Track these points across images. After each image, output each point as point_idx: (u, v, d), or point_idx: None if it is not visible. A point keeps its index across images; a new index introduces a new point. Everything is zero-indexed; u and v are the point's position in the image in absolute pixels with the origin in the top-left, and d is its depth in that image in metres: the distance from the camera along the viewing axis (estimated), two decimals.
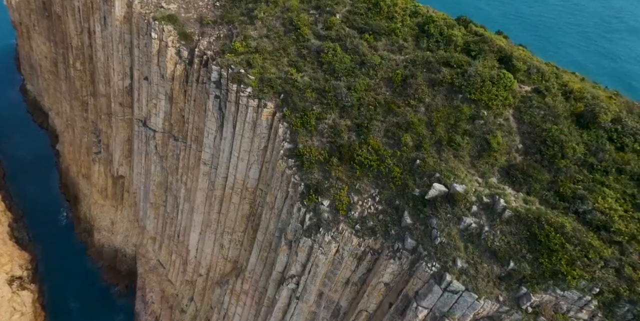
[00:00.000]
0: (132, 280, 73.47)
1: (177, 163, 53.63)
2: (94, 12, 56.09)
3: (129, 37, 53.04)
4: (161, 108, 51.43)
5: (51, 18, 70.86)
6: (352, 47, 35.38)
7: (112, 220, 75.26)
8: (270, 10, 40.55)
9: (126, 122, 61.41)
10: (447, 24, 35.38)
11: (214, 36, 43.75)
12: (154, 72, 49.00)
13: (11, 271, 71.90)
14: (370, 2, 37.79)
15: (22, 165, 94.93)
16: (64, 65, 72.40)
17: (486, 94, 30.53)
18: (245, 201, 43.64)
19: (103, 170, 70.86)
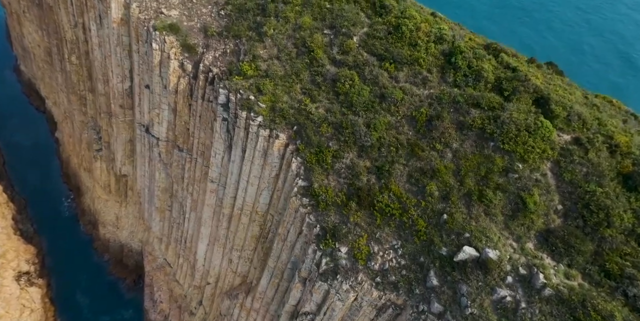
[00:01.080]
0: (140, 274, 73.68)
1: (182, 172, 52.07)
2: (89, 10, 52.64)
3: (127, 40, 50.00)
4: (164, 118, 49.26)
5: (42, 7, 66.91)
6: (371, 77, 32.89)
7: (117, 215, 74.44)
8: (280, 26, 37.57)
9: (127, 123, 59.21)
10: (475, 54, 32.53)
11: (220, 50, 40.93)
12: (156, 83, 46.48)
13: (18, 267, 71.88)
14: (390, 25, 34.76)
15: (21, 151, 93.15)
16: (58, 57, 69.12)
17: (521, 145, 28.32)
18: (255, 223, 42.46)
19: (105, 167, 69.24)
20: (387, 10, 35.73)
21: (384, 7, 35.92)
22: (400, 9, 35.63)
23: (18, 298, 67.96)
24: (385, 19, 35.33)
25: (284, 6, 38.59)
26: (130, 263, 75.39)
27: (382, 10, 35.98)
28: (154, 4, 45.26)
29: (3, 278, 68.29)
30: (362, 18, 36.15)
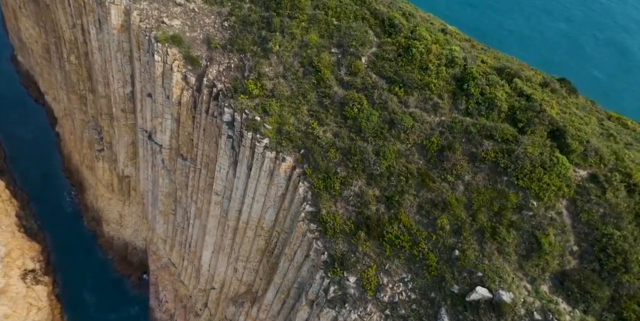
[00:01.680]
0: (145, 271, 74.27)
1: (186, 180, 51.77)
2: (87, 13, 51.27)
3: (128, 46, 48.94)
4: (167, 126, 48.62)
5: (39, 4, 65.22)
6: (380, 101, 32.18)
7: (120, 213, 74.51)
8: (286, 43, 36.57)
9: (129, 127, 58.57)
10: (488, 81, 31.62)
11: (224, 65, 40.01)
12: (158, 93, 45.68)
13: (23, 265, 72.34)
14: (400, 46, 33.77)
15: (22, 145, 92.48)
16: (57, 55, 67.84)
17: (537, 182, 27.80)
18: (261, 238, 42.43)
19: (108, 167, 68.92)
20: (397, 29, 34.67)
21: (393, 26, 34.86)
22: (410, 28, 34.57)
23: (25, 297, 68.66)
24: (395, 40, 34.32)
25: (289, 21, 37.50)
26: (134, 261, 75.93)
27: (392, 29, 34.92)
28: (155, 13, 44.03)
29: (9, 278, 68.82)
30: (370, 37, 35.11)
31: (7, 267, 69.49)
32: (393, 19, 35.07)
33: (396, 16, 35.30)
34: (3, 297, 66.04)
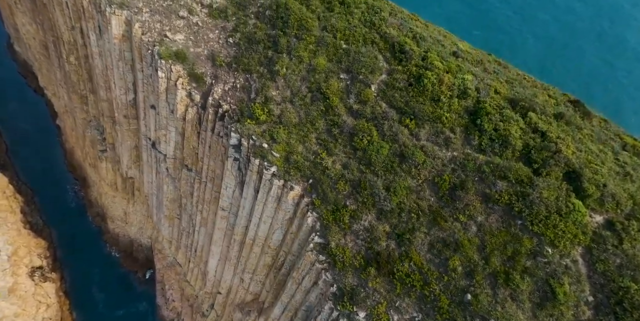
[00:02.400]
0: (151, 267, 75.16)
1: (191, 189, 51.65)
2: (87, 20, 49.82)
3: (129, 55, 47.86)
4: (171, 138, 48.13)
5: (35, 3, 63.34)
6: (391, 133, 31.60)
7: (125, 211, 74.76)
8: (294, 66, 35.64)
9: (132, 131, 57.99)
10: (502, 116, 30.80)
11: (230, 84, 39.15)
12: (162, 107, 44.97)
13: (31, 263, 73.14)
14: (411, 75, 32.88)
15: (23, 137, 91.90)
16: (56, 54, 66.43)
17: (552, 229, 27.53)
18: (268, 255, 42.67)
19: (111, 167, 68.69)
20: (407, 55, 33.70)
21: (403, 52, 33.88)
22: (421, 54, 33.61)
23: (34, 295, 69.74)
24: (406, 67, 33.41)
25: (296, 42, 36.44)
26: (140, 257, 76.73)
27: (402, 56, 33.94)
28: (157, 26, 42.78)
29: (18, 276, 69.69)
30: (380, 63, 34.16)
31: (15, 266, 70.27)
32: (404, 45, 34.03)
33: (407, 41, 34.25)
34: (12, 296, 67.07)
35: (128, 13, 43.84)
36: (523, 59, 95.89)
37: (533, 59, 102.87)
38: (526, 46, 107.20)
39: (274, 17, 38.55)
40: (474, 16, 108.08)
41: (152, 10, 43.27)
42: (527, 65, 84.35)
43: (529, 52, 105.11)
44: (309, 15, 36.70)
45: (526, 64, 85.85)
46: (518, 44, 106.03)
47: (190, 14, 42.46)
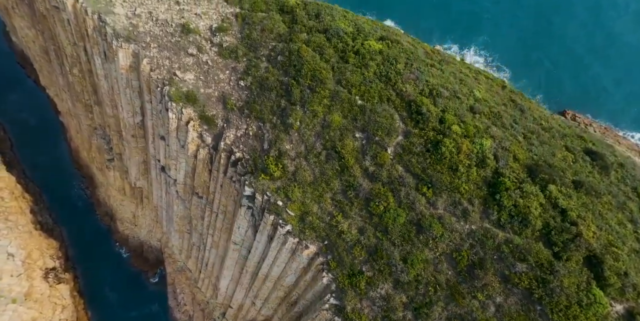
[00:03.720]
0: (162, 267, 76.98)
1: (202, 214, 52.08)
2: (92, 45, 48.41)
3: (137, 84, 47.00)
4: (181, 168, 48.14)
5: (34, 10, 61.11)
6: (408, 201, 31.66)
7: (134, 213, 75.68)
8: (307, 120, 35.17)
9: (140, 149, 57.78)
10: (522, 191, 30.44)
11: (242, 130, 38.76)
12: (172, 142, 44.70)
13: (44, 265, 74.91)
14: (429, 140, 32.44)
15: (27, 131, 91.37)
16: (58, 61, 64.93)
17: (572, 320, 27.89)
18: (281, 290, 43.70)
19: (119, 176, 68.87)
20: (424, 117, 33.16)
21: (420, 113, 33.31)
22: (438, 115, 33.08)
23: (49, 297, 71.93)
24: (423, 131, 32.94)
25: (310, 94, 35.74)
26: (151, 258, 78.40)
27: (419, 117, 33.40)
28: (166, 62, 41.76)
29: (32, 279, 71.58)
30: (396, 123, 33.66)
31: (30, 269, 71.99)
32: (420, 106, 33.40)
33: (423, 101, 33.59)
34: (29, 301, 69.19)
35: (135, 47, 42.68)
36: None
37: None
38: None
39: (286, 64, 37.62)
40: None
41: (161, 45, 42.10)
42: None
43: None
44: (322, 66, 35.80)
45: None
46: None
47: (199, 51, 41.34)
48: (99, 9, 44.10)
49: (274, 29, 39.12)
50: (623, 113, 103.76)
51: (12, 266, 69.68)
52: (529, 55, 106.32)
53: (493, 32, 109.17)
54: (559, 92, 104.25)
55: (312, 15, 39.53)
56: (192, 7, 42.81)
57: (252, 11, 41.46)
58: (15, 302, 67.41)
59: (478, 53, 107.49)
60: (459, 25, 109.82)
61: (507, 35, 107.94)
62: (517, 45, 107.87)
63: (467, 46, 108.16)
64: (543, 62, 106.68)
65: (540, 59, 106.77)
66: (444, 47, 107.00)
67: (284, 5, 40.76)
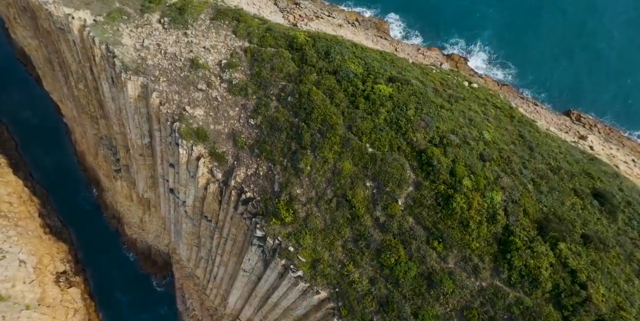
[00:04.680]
0: (170, 270, 78.68)
1: (211, 234, 52.96)
2: (99, 71, 48.15)
3: (145, 110, 47.02)
4: (191, 194, 48.76)
5: (37, 23, 60.22)
6: (419, 254, 32.39)
7: (141, 218, 76.73)
8: (318, 165, 35.59)
9: (148, 165, 58.19)
10: (532, 251, 30.89)
11: (252, 169, 39.17)
12: (182, 172, 45.19)
13: (55, 269, 76.61)
14: (439, 194, 32.89)
15: (30, 131, 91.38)
16: (62, 73, 64.48)
17: None
18: (290, 318, 45.02)
19: (126, 185, 69.53)
20: (435, 169, 33.51)
21: (430, 165, 33.62)
22: (449, 166, 33.43)
23: (62, 302, 73.93)
24: (434, 184, 33.36)
25: (320, 138, 35.99)
26: (159, 261, 79.95)
27: (429, 169, 33.73)
28: (176, 97, 41.77)
29: (45, 285, 73.41)
30: (407, 173, 34.03)
31: (41, 275, 73.71)
32: (431, 157, 33.70)
33: (434, 152, 33.87)
34: (42, 306, 71.16)
35: (144, 79, 42.57)
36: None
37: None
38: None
39: (296, 105, 37.69)
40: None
41: (170, 79, 42.00)
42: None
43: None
44: (333, 111, 35.91)
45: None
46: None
47: (209, 87, 41.28)
48: (106, 39, 43.72)
49: (283, 69, 38.96)
50: (628, 111, 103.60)
51: (24, 273, 71.31)
52: (534, 52, 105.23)
53: (499, 26, 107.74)
54: (565, 89, 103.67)
55: (322, 53, 39.25)
56: (200, 39, 42.43)
57: (261, 46, 41.15)
58: (29, 308, 69.35)
59: (483, 49, 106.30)
60: (465, 19, 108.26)
61: (513, 30, 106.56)
62: (523, 41, 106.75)
63: (474, 41, 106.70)
64: (549, 59, 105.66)
65: (547, 55, 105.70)
66: (451, 41, 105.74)
67: (292, 42, 40.41)
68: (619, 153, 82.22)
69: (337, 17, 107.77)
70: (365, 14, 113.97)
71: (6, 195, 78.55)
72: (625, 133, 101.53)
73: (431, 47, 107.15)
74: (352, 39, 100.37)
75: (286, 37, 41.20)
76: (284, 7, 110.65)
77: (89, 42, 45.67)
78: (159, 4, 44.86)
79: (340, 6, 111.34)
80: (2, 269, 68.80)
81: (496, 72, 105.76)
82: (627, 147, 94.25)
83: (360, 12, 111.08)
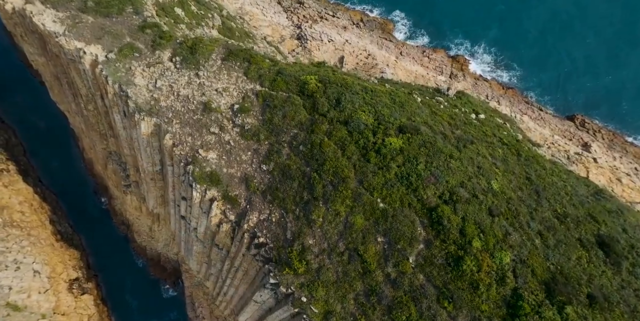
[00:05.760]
0: (179, 276, 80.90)
1: (222, 261, 54.49)
2: (112, 105, 48.68)
3: (158, 144, 47.78)
4: (202, 224, 49.96)
5: (46, 47, 60.16)
6: (429, 314, 33.75)
7: (151, 227, 78.39)
8: (330, 217, 36.69)
9: (159, 188, 59.32)
10: (540, 316, 32.17)
11: (265, 214, 40.30)
12: (195, 208, 46.21)
13: (68, 276, 78.85)
14: (450, 254, 34.05)
15: (38, 135, 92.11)
16: (70, 92, 64.77)
17: None
18: None
19: (136, 199, 70.81)
20: (445, 229, 34.61)
21: (441, 224, 34.70)
22: (459, 225, 34.52)
23: (76, 309, 76.46)
24: (444, 245, 34.53)
25: (332, 190, 36.98)
26: (168, 267, 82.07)
27: (440, 227, 34.82)
28: (189, 139, 42.53)
29: (59, 293, 75.73)
30: (418, 230, 35.13)
31: (55, 283, 75.93)
32: (441, 216, 34.75)
33: (444, 211, 34.89)
34: (57, 315, 73.66)
35: (157, 120, 43.22)
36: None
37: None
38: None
39: (308, 155, 38.51)
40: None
41: (183, 122, 42.67)
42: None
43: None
44: (344, 164, 36.77)
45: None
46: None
47: (221, 131, 41.97)
48: (119, 79, 44.12)
49: (295, 117, 39.56)
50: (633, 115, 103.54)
51: (39, 283, 73.47)
52: (539, 53, 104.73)
53: (504, 26, 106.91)
54: (569, 92, 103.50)
55: (333, 100, 39.73)
56: (212, 81, 42.85)
57: (272, 89, 41.59)
58: (44, 318, 71.82)
59: (488, 50, 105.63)
60: (470, 19, 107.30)
61: (518, 31, 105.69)
62: (528, 43, 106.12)
63: (478, 42, 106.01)
64: (554, 61, 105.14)
65: (552, 58, 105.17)
66: (456, 41, 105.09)
67: (303, 87, 40.85)
68: (622, 165, 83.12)
69: (342, 17, 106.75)
70: (369, 13, 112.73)
71: (18, 204, 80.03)
72: (629, 137, 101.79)
73: (436, 48, 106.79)
74: (358, 42, 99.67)
75: (297, 81, 41.60)
76: (287, 6, 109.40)
77: (101, 78, 46.05)
78: (169, 41, 45.02)
79: (345, 4, 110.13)
80: (18, 280, 70.86)
81: (501, 73, 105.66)
82: (630, 154, 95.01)
83: (364, 10, 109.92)
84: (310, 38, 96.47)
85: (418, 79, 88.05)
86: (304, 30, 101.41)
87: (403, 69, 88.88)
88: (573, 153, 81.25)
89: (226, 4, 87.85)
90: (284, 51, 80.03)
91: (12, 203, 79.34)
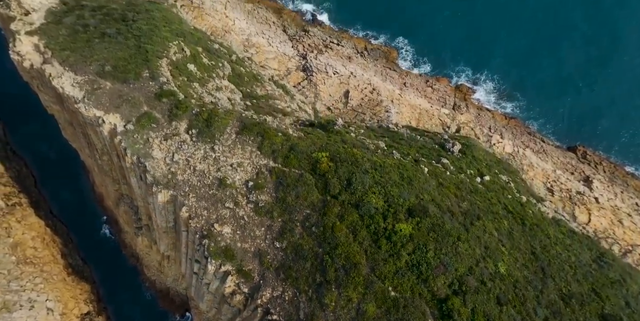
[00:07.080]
0: (187, 309, 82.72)
1: (234, 316, 56.10)
2: (129, 171, 50.14)
3: (173, 209, 49.30)
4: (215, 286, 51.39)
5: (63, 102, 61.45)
6: None
7: (160, 263, 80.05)
8: (342, 303, 38.24)
9: (171, 237, 60.88)
10: None
11: (278, 291, 41.86)
12: (209, 276, 47.71)
13: (79, 311, 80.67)
14: None
15: (48, 166, 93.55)
16: (85, 140, 66.20)
17: None
18: None
19: (147, 240, 72.39)
20: None
21: (451, 316, 36.27)
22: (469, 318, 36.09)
23: None
24: None
25: (344, 275, 38.52)
26: (177, 301, 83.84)
27: (450, 320, 36.41)
28: (204, 213, 44.04)
29: None
30: None
31: (67, 320, 77.75)
32: (451, 309, 36.31)
33: (454, 304, 36.45)
34: None
35: (174, 192, 44.71)
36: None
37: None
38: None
39: (320, 237, 40.01)
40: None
41: (198, 196, 44.15)
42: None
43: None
44: (356, 249, 38.29)
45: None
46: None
47: (236, 206, 43.45)
48: (137, 151, 45.56)
49: (307, 197, 41.05)
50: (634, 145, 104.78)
51: None
52: (541, 84, 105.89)
53: (507, 55, 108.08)
54: (572, 122, 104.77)
55: (344, 181, 41.18)
56: (227, 156, 44.27)
57: (285, 166, 43.04)
58: None
59: (490, 78, 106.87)
60: (472, 47, 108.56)
61: (521, 60, 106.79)
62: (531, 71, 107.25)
63: (480, 70, 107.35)
64: (557, 90, 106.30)
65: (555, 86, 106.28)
66: (457, 69, 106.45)
67: (315, 166, 42.29)
68: (623, 204, 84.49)
69: (346, 46, 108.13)
70: (373, 40, 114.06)
71: (30, 239, 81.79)
72: (630, 167, 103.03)
73: (439, 77, 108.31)
74: (362, 75, 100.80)
75: (309, 158, 43.03)
76: (293, 34, 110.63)
77: (119, 147, 47.49)
78: (185, 112, 46.42)
79: (349, 31, 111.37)
80: (32, 319, 72.73)
81: (505, 104, 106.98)
82: (631, 187, 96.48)
83: (368, 37, 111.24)
84: (316, 70, 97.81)
85: (422, 115, 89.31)
86: (309, 61, 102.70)
87: (407, 105, 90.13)
88: (575, 192, 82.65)
89: (233, 40, 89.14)
90: (290, 90, 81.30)
91: (25, 239, 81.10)
